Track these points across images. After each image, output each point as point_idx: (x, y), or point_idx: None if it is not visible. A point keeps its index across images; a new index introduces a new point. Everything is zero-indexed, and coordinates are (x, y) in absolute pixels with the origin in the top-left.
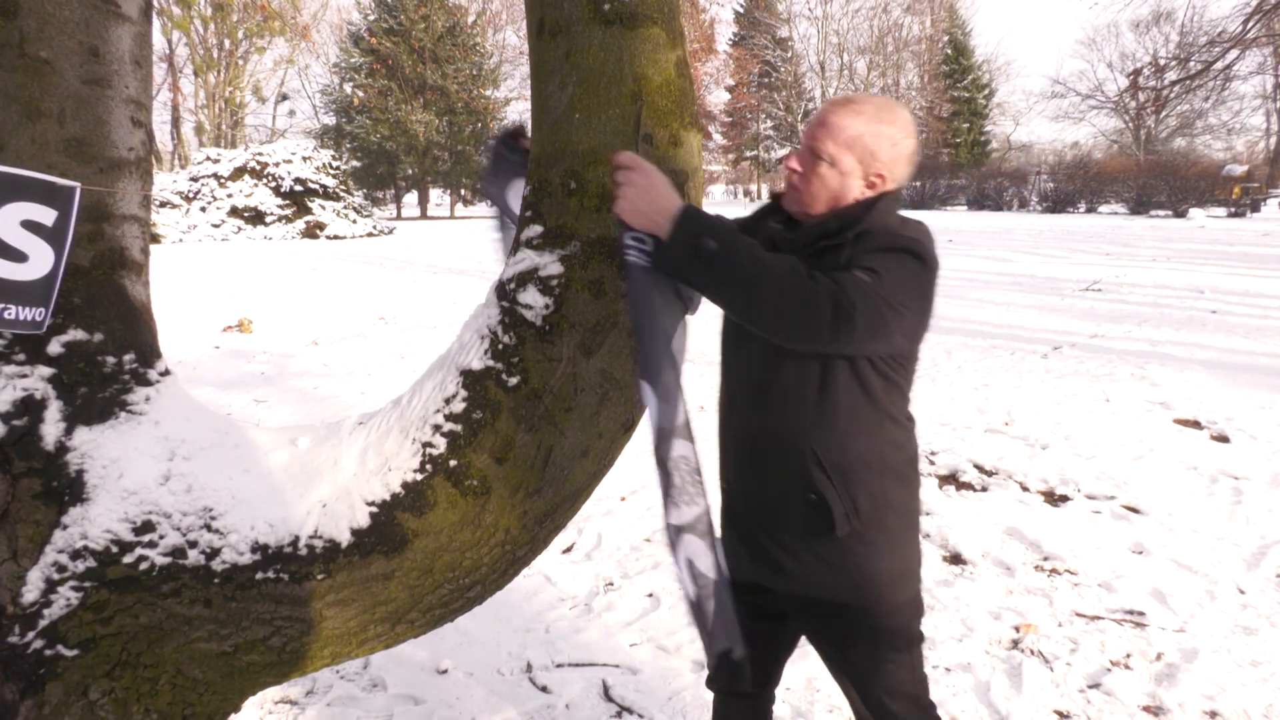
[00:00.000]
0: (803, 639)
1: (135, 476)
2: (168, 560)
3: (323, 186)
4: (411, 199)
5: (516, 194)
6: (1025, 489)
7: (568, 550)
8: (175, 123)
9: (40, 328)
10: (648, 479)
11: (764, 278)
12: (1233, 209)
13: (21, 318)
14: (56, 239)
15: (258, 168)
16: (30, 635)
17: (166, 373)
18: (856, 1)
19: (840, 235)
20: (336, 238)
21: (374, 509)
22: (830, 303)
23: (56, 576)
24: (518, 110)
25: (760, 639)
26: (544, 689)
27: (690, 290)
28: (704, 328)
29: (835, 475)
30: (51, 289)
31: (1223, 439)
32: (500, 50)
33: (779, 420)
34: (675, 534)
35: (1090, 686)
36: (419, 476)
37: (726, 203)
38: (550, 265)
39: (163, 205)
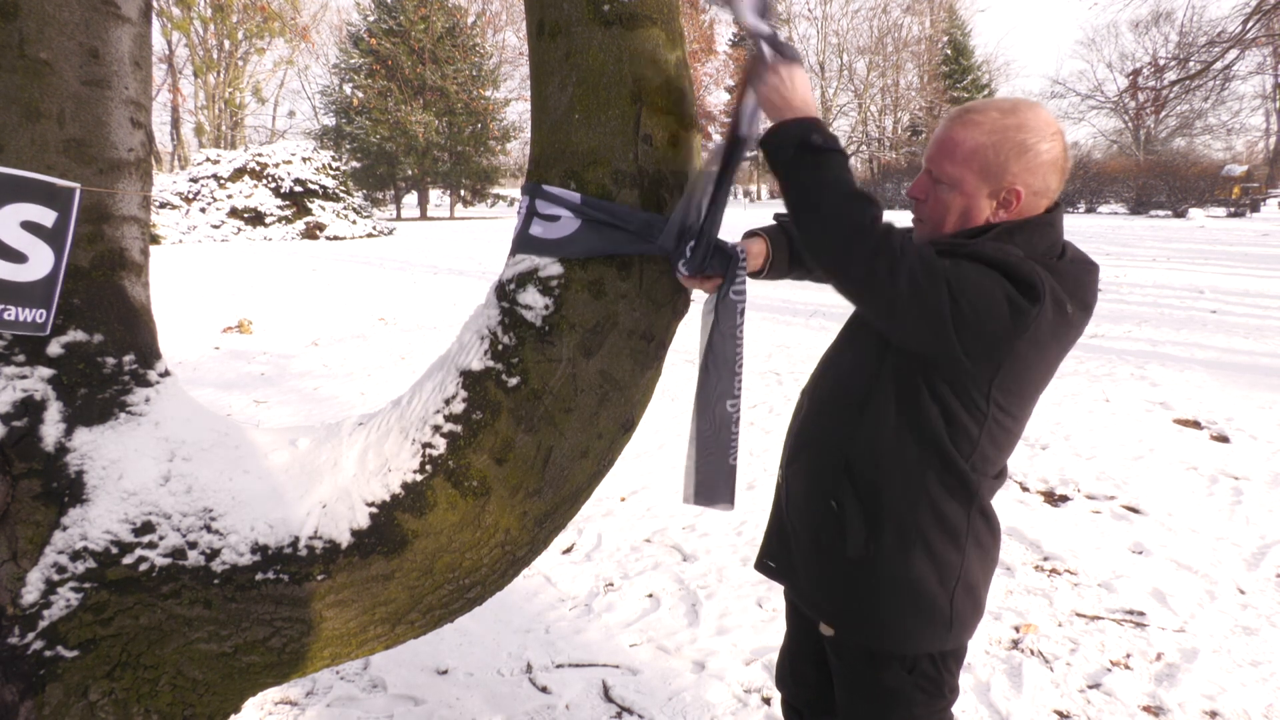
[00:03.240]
0: None
1: (135, 477)
2: (168, 561)
3: (322, 187)
4: (411, 200)
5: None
6: (1025, 489)
7: (568, 551)
8: (175, 124)
9: (43, 329)
10: (648, 479)
11: (839, 188)
12: (1232, 209)
13: (22, 319)
14: (56, 240)
15: (257, 169)
16: (30, 636)
17: (166, 374)
18: (856, 2)
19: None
20: (336, 238)
21: (374, 510)
22: (884, 238)
23: (56, 577)
24: (517, 111)
25: (800, 652)
26: (544, 689)
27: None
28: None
29: (864, 491)
30: (53, 290)
31: (1223, 439)
32: (500, 51)
33: (826, 420)
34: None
35: (1090, 686)
36: (419, 477)
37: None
38: (550, 266)
39: (162, 206)
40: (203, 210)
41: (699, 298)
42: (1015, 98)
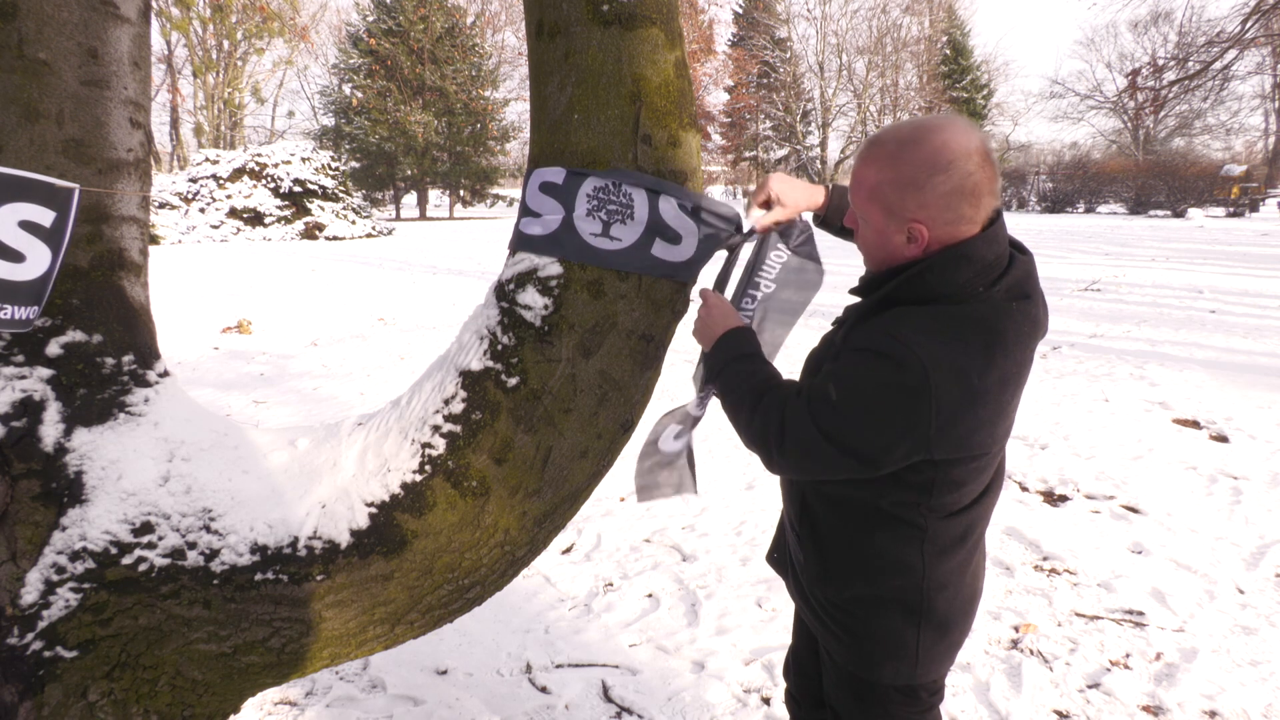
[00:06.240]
0: None
1: (134, 478)
2: (167, 561)
3: (322, 187)
4: (410, 200)
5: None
6: (1024, 489)
7: (567, 551)
8: (174, 124)
9: (28, 326)
10: None
11: (743, 403)
12: (1231, 209)
13: (16, 316)
14: (54, 240)
15: (257, 169)
16: (29, 637)
17: (165, 374)
18: (855, 2)
19: (866, 300)
20: (335, 239)
21: (373, 510)
22: (776, 429)
23: (55, 578)
24: (517, 111)
25: (804, 643)
26: (543, 689)
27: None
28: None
29: (818, 529)
30: (44, 288)
31: (1222, 439)
32: (499, 51)
33: None
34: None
35: (1090, 686)
36: (418, 477)
37: (725, 203)
38: (549, 266)
39: (161, 206)
40: (202, 210)
41: (696, 299)
42: (922, 120)
